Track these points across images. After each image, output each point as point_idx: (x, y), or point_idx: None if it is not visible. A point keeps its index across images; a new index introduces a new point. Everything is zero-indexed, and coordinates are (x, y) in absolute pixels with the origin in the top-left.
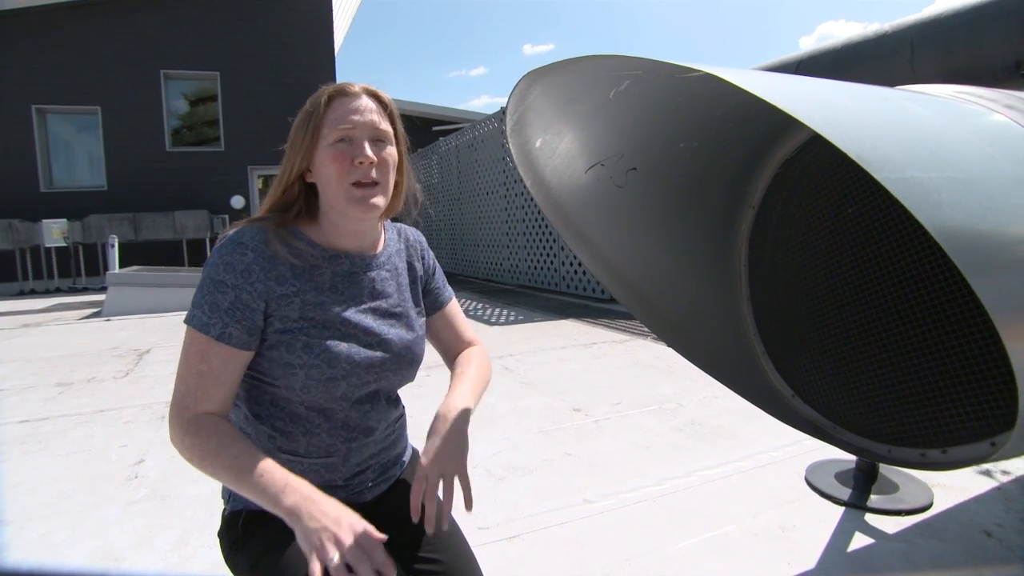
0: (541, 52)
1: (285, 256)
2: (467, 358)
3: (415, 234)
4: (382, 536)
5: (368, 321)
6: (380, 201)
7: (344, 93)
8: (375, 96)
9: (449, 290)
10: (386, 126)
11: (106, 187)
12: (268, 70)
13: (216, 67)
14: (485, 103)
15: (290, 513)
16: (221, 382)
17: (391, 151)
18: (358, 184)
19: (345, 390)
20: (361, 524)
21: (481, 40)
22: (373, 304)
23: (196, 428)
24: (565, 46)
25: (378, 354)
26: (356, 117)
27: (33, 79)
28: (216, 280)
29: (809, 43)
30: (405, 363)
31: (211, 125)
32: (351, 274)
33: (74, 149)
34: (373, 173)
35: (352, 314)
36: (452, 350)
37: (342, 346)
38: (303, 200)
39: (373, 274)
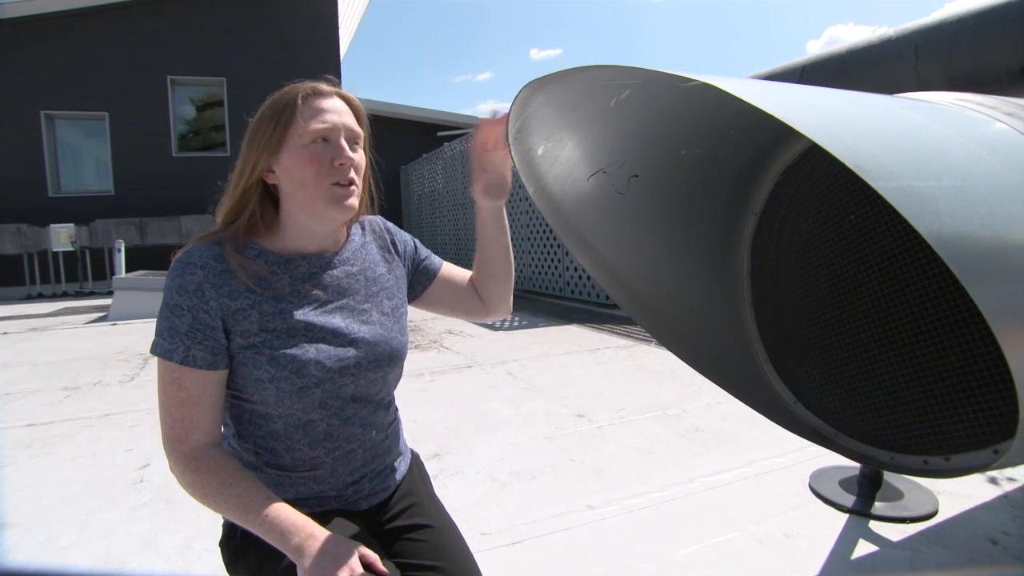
0: (548, 57)
1: (242, 275)
2: None
3: (378, 221)
4: (383, 571)
5: (335, 321)
6: (356, 202)
7: (319, 93)
8: (346, 99)
9: (437, 258)
10: (359, 128)
11: (113, 192)
12: (273, 75)
13: (222, 73)
14: (491, 109)
15: (295, 552)
16: (204, 406)
17: (362, 154)
18: (338, 184)
19: (321, 397)
20: (360, 565)
21: (487, 45)
22: (340, 303)
23: (196, 465)
24: (572, 50)
25: (351, 353)
26: (334, 117)
27: (42, 85)
28: (171, 305)
29: (816, 47)
30: (383, 360)
31: (217, 130)
32: (311, 275)
33: (82, 154)
34: (351, 174)
35: (316, 317)
36: (468, 285)
37: (310, 352)
38: (256, 205)
39: (337, 271)
